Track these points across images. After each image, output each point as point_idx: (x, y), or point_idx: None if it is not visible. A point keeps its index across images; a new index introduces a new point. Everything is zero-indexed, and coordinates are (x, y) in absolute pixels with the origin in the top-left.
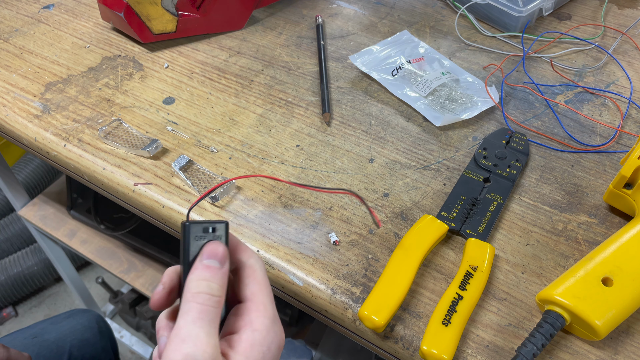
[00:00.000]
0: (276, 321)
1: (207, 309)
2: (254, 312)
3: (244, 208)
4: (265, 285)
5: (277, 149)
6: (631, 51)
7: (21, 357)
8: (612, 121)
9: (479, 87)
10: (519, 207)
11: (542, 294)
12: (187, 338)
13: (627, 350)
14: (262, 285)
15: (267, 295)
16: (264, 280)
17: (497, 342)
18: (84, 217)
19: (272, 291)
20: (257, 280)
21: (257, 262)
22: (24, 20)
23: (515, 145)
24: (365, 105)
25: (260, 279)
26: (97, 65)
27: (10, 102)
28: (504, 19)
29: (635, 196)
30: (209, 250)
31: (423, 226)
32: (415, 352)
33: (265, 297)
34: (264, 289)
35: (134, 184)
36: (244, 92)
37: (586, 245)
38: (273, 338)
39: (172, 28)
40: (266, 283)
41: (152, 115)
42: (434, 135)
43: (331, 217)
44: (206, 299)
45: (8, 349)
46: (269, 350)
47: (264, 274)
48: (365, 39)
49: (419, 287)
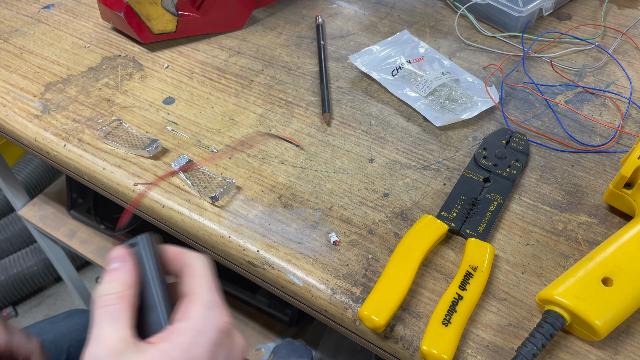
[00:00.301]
0: (213, 307)
1: (108, 309)
2: (190, 304)
3: (244, 208)
4: (202, 277)
5: (277, 149)
6: (631, 51)
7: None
8: (612, 121)
9: (479, 87)
10: (519, 207)
11: (542, 294)
12: (91, 340)
13: (627, 350)
14: (198, 277)
15: (204, 285)
16: (202, 272)
17: (497, 342)
18: (84, 217)
19: (213, 281)
20: (194, 274)
21: (196, 259)
22: (24, 20)
23: (515, 145)
24: (365, 105)
25: (197, 273)
26: (97, 65)
27: (10, 102)
28: (504, 19)
29: (635, 196)
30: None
31: (423, 226)
32: (415, 352)
33: (201, 287)
34: (201, 280)
35: (134, 184)
36: (244, 92)
37: (586, 245)
38: (208, 322)
39: (172, 28)
40: (203, 275)
41: (152, 115)
42: (434, 135)
43: (331, 217)
44: (105, 300)
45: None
46: (203, 334)
47: (202, 268)
48: (365, 39)
49: (419, 287)
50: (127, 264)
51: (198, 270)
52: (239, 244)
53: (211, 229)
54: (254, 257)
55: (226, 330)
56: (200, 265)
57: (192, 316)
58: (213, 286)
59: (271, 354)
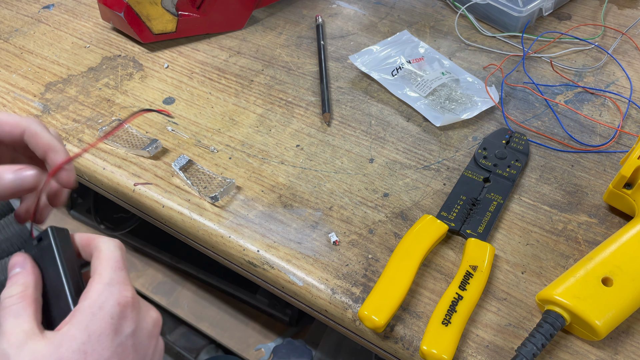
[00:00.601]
0: (113, 283)
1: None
2: (90, 284)
3: (244, 208)
4: (106, 259)
5: (277, 149)
6: (631, 51)
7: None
8: (612, 121)
9: (479, 87)
10: (519, 207)
11: (542, 294)
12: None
13: (627, 350)
14: (102, 259)
15: (107, 266)
16: (108, 254)
17: (497, 342)
18: (84, 217)
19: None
20: (100, 257)
21: (105, 243)
22: (24, 20)
23: (515, 145)
24: (365, 105)
25: (102, 256)
26: (97, 65)
27: (10, 102)
28: (504, 19)
29: (635, 196)
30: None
31: (423, 226)
32: (415, 352)
33: (103, 267)
34: (105, 261)
35: (134, 184)
36: (244, 92)
37: (586, 245)
38: (107, 297)
39: (172, 28)
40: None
41: (152, 115)
42: (434, 135)
43: (331, 217)
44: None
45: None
46: (101, 309)
47: (109, 250)
48: (365, 39)
49: (419, 287)
50: (26, 267)
51: (105, 253)
52: (239, 244)
53: (211, 229)
54: (254, 257)
55: (127, 303)
56: (107, 248)
57: (90, 295)
58: (117, 266)
59: (271, 354)
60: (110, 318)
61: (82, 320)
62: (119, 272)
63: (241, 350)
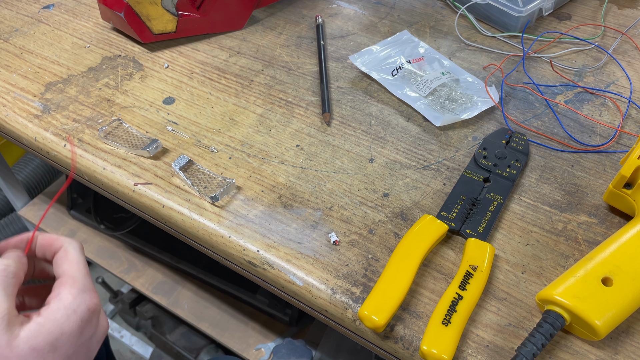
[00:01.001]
0: (85, 290)
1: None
2: (63, 285)
3: (244, 208)
4: (76, 263)
5: (277, 149)
6: (631, 51)
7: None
8: (612, 121)
9: (479, 87)
10: (519, 207)
11: (542, 293)
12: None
13: (627, 350)
14: (72, 263)
15: (77, 271)
16: (76, 259)
17: (497, 342)
18: (84, 217)
19: (85, 266)
20: (68, 259)
21: (70, 245)
22: (24, 20)
23: (515, 145)
24: (365, 105)
25: (71, 258)
26: (97, 65)
27: (10, 102)
28: (504, 19)
29: (635, 196)
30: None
31: (423, 226)
32: (415, 352)
33: (75, 272)
34: (74, 265)
35: (134, 184)
36: (244, 92)
37: (586, 245)
38: (80, 302)
39: (172, 28)
40: (77, 260)
41: (152, 115)
42: (434, 135)
43: (331, 217)
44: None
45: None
46: (75, 313)
47: (76, 254)
48: (365, 39)
49: (419, 287)
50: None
51: (73, 255)
52: (239, 244)
53: (211, 229)
54: (254, 257)
55: (95, 310)
56: (74, 252)
57: (65, 296)
58: (86, 271)
59: (271, 354)
60: (81, 321)
61: (57, 318)
62: (88, 278)
63: (241, 350)
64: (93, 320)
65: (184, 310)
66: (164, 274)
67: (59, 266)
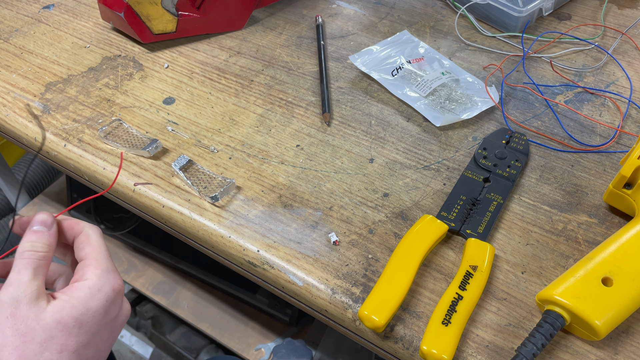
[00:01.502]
0: (109, 271)
1: (30, 261)
2: (87, 267)
3: (244, 208)
4: (98, 246)
5: (277, 149)
6: (631, 51)
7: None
8: (612, 121)
9: (479, 87)
10: (519, 207)
11: (542, 293)
12: (11, 283)
13: (627, 350)
14: (94, 246)
15: (100, 253)
16: (97, 242)
17: (497, 342)
18: (84, 217)
19: (107, 249)
20: (90, 243)
21: (91, 229)
22: (24, 20)
23: (515, 145)
24: (365, 105)
25: (93, 242)
26: (97, 65)
27: (10, 102)
28: (504, 19)
29: (635, 196)
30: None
31: (423, 226)
32: (415, 352)
33: (98, 254)
34: (97, 248)
35: (134, 184)
36: (244, 92)
37: (586, 245)
38: (105, 282)
39: (172, 28)
40: (99, 244)
41: (152, 115)
42: (434, 135)
43: (331, 217)
44: (29, 254)
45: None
46: (100, 291)
47: (97, 238)
48: (365, 39)
49: (419, 287)
50: (53, 230)
51: (93, 239)
52: (239, 244)
53: (211, 229)
54: (254, 257)
55: (120, 290)
56: (95, 236)
57: (90, 276)
58: (107, 254)
59: (271, 354)
60: (105, 300)
61: (82, 296)
62: (111, 261)
63: (241, 350)
64: (117, 301)
65: (184, 310)
66: (164, 274)
67: (80, 250)
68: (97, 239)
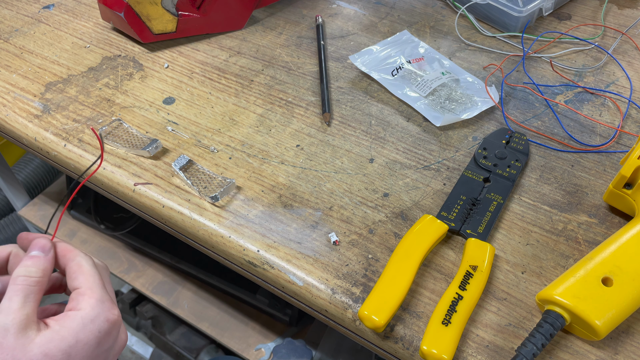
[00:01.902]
0: (104, 300)
1: (22, 287)
2: (81, 296)
3: (244, 208)
4: (92, 275)
5: (277, 149)
6: (631, 51)
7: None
8: (612, 121)
9: (479, 87)
10: (519, 207)
11: (542, 293)
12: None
13: (627, 350)
14: (88, 275)
15: (94, 282)
16: (91, 271)
17: (497, 342)
18: (84, 217)
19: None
20: (83, 272)
21: (83, 258)
22: (24, 20)
23: (515, 145)
24: (365, 105)
25: (86, 271)
26: (97, 65)
27: (10, 102)
28: (504, 19)
29: (635, 196)
30: (35, 243)
31: (423, 226)
32: (415, 352)
33: (92, 284)
34: (90, 277)
35: (134, 184)
36: (244, 92)
37: (586, 245)
38: (99, 313)
39: (172, 28)
40: (93, 273)
41: (152, 115)
42: (434, 135)
43: (331, 217)
44: (22, 280)
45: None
46: (92, 322)
47: (90, 267)
48: (365, 39)
49: (419, 287)
50: (50, 255)
51: (86, 268)
52: (239, 244)
53: (211, 229)
54: (254, 257)
55: (114, 321)
56: (87, 265)
57: (83, 306)
58: (102, 284)
59: (271, 354)
60: (98, 332)
61: (73, 327)
62: (106, 290)
63: (241, 350)
64: (112, 332)
65: (184, 310)
66: (164, 274)
67: (74, 279)
68: (90, 268)
